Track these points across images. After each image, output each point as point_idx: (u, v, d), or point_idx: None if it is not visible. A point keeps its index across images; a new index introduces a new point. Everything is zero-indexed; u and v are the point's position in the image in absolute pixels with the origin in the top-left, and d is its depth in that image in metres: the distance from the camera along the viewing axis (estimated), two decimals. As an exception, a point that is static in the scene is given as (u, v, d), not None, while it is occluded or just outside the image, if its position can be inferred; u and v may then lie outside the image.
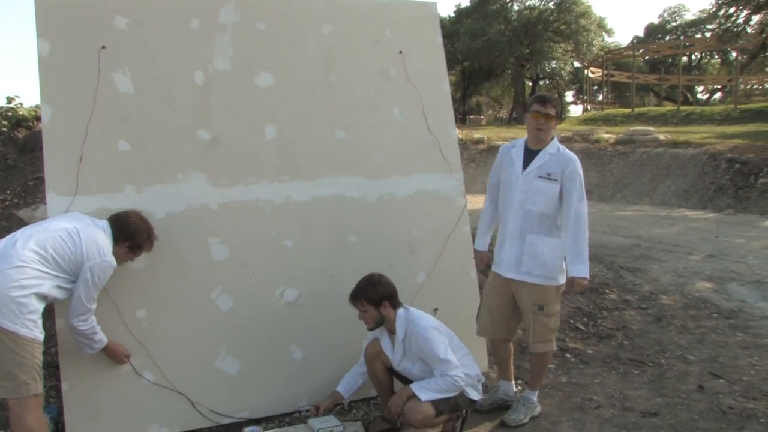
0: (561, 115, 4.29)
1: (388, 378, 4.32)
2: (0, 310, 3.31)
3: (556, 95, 43.15)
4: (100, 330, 3.80)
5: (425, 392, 3.94)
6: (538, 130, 4.29)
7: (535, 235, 4.26)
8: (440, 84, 5.15)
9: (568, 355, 5.61)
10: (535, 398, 4.49)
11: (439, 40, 5.23)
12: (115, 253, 3.80)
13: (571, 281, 4.24)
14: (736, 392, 4.83)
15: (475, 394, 4.17)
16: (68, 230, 3.64)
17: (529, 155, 4.34)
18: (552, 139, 4.34)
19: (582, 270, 4.18)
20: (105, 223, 3.85)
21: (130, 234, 3.88)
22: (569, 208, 4.21)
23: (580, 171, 4.27)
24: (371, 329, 4.17)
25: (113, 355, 4.01)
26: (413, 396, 3.94)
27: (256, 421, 4.31)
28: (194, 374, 4.26)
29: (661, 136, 19.69)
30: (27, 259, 3.43)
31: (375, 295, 4.04)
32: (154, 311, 4.19)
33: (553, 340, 4.43)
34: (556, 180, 4.22)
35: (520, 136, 4.85)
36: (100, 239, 3.72)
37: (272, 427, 4.30)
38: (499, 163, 4.53)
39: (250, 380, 4.40)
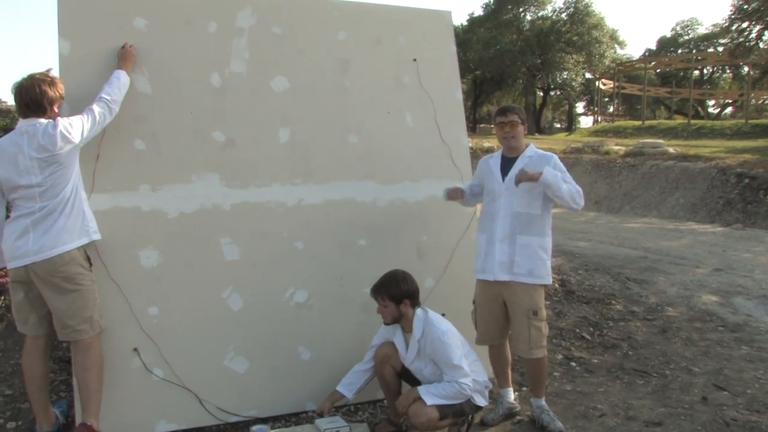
0: (524, 119, 4.30)
1: (396, 382, 4.36)
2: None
3: (567, 106, 43.14)
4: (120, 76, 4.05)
5: (431, 397, 3.97)
6: (507, 139, 4.41)
7: (525, 235, 4.31)
8: (453, 92, 5.21)
9: (573, 364, 5.64)
10: (544, 403, 4.48)
11: (453, 48, 5.29)
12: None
13: (525, 174, 4.20)
14: (740, 405, 4.85)
15: (481, 400, 4.20)
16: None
17: (507, 163, 4.44)
18: (528, 146, 4.45)
19: (546, 174, 4.16)
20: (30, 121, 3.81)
21: (50, 100, 3.79)
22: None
23: (561, 165, 4.36)
24: (387, 324, 4.21)
25: (127, 59, 4.19)
26: (419, 398, 3.98)
27: (263, 420, 4.36)
28: (203, 372, 4.31)
29: (671, 149, 19.68)
30: None
31: (397, 292, 4.08)
32: (165, 309, 4.25)
33: (545, 344, 4.43)
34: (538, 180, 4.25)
35: (530, 145, 4.88)
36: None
37: (279, 427, 4.35)
38: (479, 173, 4.65)
39: (259, 379, 4.45)
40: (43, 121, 3.72)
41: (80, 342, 3.84)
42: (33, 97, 3.73)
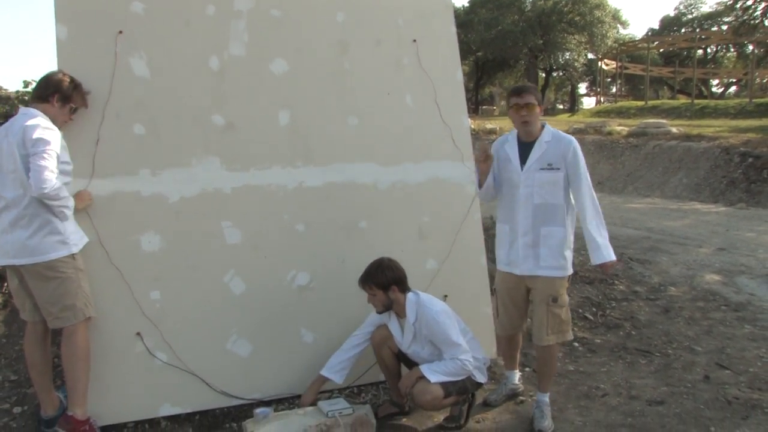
0: (540, 100, 4.34)
1: (395, 363, 4.38)
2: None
3: (569, 86, 42.95)
4: (64, 188, 3.74)
5: (435, 374, 4.00)
6: (523, 123, 4.22)
7: (548, 227, 4.19)
8: (453, 73, 5.18)
9: (576, 344, 5.65)
10: (546, 399, 4.34)
11: (453, 29, 5.25)
12: (52, 116, 3.84)
13: (603, 266, 4.17)
14: (742, 383, 4.86)
15: (481, 377, 4.23)
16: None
17: (525, 148, 4.27)
18: (543, 128, 4.27)
19: (609, 252, 4.13)
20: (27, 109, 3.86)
21: (54, 85, 3.88)
22: (582, 194, 4.17)
23: (580, 152, 4.21)
24: (380, 312, 4.23)
25: (81, 201, 4.02)
26: (422, 377, 4.00)
27: (266, 403, 4.38)
28: (206, 356, 4.33)
29: (674, 129, 19.62)
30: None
31: (383, 280, 4.09)
32: (167, 293, 4.26)
33: (569, 330, 4.34)
34: (558, 168, 4.16)
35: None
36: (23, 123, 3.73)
37: (283, 409, 4.37)
38: (493, 159, 4.42)
39: (262, 362, 4.47)
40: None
41: (64, 329, 3.84)
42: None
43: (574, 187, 4.20)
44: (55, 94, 3.86)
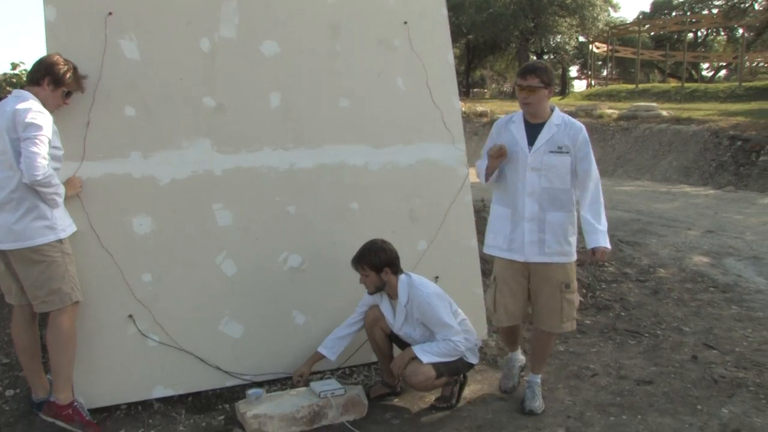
0: (552, 83, 4.12)
1: (387, 344, 4.41)
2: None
3: (560, 70, 42.92)
4: (56, 176, 3.74)
5: (427, 355, 4.03)
6: (524, 104, 4.10)
7: (555, 212, 4.07)
8: (444, 55, 5.18)
9: (565, 325, 5.69)
10: (539, 380, 4.32)
11: (444, 11, 5.25)
12: (43, 99, 3.81)
13: (594, 252, 4.06)
14: (728, 362, 4.93)
15: (473, 358, 4.26)
16: None
17: (532, 130, 4.12)
18: (553, 110, 4.15)
19: (605, 239, 4.04)
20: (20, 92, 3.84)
21: (46, 68, 3.83)
22: (587, 180, 4.07)
23: (588, 140, 4.12)
24: (371, 293, 4.26)
25: (72, 188, 4.01)
26: (415, 358, 4.03)
27: (259, 384, 4.41)
28: (198, 338, 4.34)
29: (664, 113, 19.67)
30: None
31: (377, 261, 4.11)
32: (159, 275, 4.27)
33: (575, 317, 4.28)
34: (567, 152, 4.04)
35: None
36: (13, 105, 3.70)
37: (275, 390, 4.40)
38: (494, 138, 4.29)
39: (254, 344, 4.48)
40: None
41: (50, 314, 3.82)
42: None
43: (581, 172, 4.08)
44: (46, 77, 3.82)
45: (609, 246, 4.09)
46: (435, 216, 5.00)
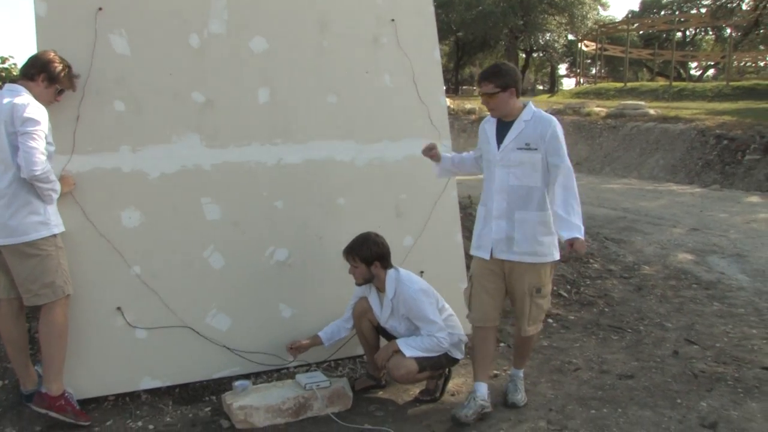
0: (511, 83, 3.96)
1: (374, 336, 4.47)
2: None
3: (549, 67, 42.97)
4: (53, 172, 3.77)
5: (410, 349, 4.09)
6: (489, 110, 4.08)
7: (523, 211, 3.96)
8: (431, 52, 5.23)
9: (550, 320, 5.77)
10: (521, 374, 4.37)
11: (431, 9, 5.30)
12: (36, 94, 3.82)
13: (571, 244, 3.84)
14: (709, 357, 5.01)
15: (458, 354, 4.31)
16: None
17: (503, 127, 4.06)
18: (525, 106, 4.03)
19: (580, 231, 3.85)
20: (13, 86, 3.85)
21: (42, 64, 3.86)
22: (557, 175, 3.90)
23: (560, 133, 3.97)
24: (359, 284, 4.31)
25: (66, 185, 4.03)
26: (398, 351, 4.09)
27: (245, 376, 4.45)
28: (186, 330, 4.38)
29: (652, 111, 19.77)
30: None
31: (368, 254, 4.17)
32: (147, 268, 4.30)
33: (544, 317, 4.25)
34: (536, 149, 3.92)
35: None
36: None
37: (261, 382, 4.45)
38: (479, 137, 4.29)
39: (241, 336, 4.53)
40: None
41: (43, 307, 3.84)
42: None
43: (551, 168, 3.94)
44: (42, 73, 3.85)
45: (583, 236, 3.89)
46: (421, 211, 5.06)
